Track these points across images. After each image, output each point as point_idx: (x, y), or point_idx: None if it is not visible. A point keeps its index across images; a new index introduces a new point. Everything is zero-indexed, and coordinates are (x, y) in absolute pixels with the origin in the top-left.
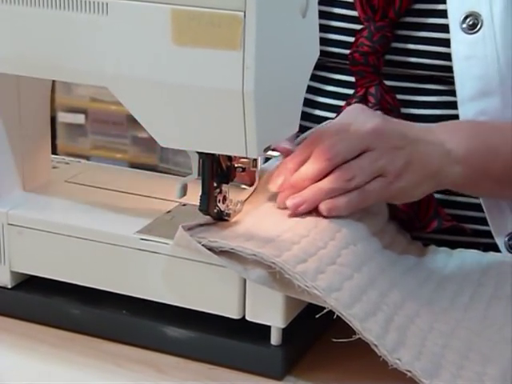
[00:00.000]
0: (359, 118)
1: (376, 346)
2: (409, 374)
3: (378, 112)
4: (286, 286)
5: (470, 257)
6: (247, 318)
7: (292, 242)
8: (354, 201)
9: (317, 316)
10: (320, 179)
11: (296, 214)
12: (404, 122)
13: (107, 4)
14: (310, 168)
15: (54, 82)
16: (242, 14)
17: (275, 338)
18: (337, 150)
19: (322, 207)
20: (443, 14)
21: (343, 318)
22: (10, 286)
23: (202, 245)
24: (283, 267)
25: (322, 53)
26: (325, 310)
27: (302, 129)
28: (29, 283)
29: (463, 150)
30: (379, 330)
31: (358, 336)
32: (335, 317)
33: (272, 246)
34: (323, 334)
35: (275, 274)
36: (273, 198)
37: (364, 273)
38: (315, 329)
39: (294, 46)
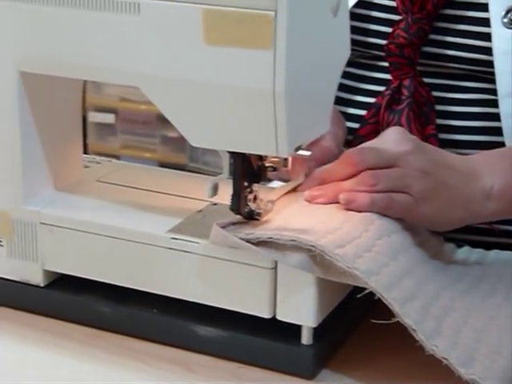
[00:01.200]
0: (396, 139)
1: (415, 330)
2: (445, 361)
3: (415, 137)
4: (326, 269)
5: (504, 258)
6: (278, 317)
7: (327, 232)
8: (377, 203)
9: (358, 296)
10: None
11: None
12: (441, 150)
13: (139, 4)
14: (335, 169)
15: (84, 81)
16: (273, 13)
17: (306, 338)
18: (365, 157)
19: (342, 196)
20: (484, 7)
21: (383, 300)
22: (42, 285)
23: (240, 238)
24: (323, 249)
25: (362, 43)
26: (365, 291)
27: None
28: (60, 282)
29: (499, 186)
30: (417, 317)
31: (396, 319)
32: (376, 298)
33: (308, 234)
34: (354, 331)
35: (315, 257)
36: (302, 197)
37: (400, 261)
38: (346, 327)
39: (325, 45)
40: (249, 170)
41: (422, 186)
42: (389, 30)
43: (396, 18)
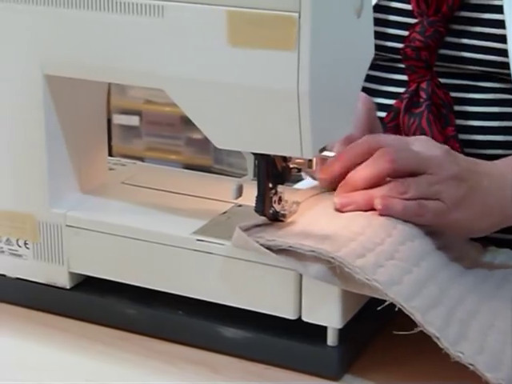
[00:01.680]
0: (426, 146)
1: (438, 338)
2: (471, 367)
3: (446, 146)
4: (346, 280)
5: None
6: (303, 318)
7: (349, 239)
8: (409, 210)
9: (378, 308)
10: (375, 182)
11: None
12: (470, 158)
13: (163, 7)
14: (369, 168)
15: (109, 84)
16: (297, 14)
17: (331, 339)
18: (400, 155)
19: (378, 201)
20: (499, 9)
21: (404, 310)
22: (68, 287)
23: (260, 244)
24: (343, 261)
25: (380, 47)
26: (385, 303)
27: None
28: (86, 284)
29: None
30: (441, 323)
31: (419, 328)
32: (397, 309)
33: (329, 243)
34: (379, 333)
35: (335, 268)
36: (327, 198)
37: (423, 267)
38: (372, 329)
39: (349, 46)
40: (273, 172)
41: (454, 193)
42: (405, 33)
43: (412, 21)
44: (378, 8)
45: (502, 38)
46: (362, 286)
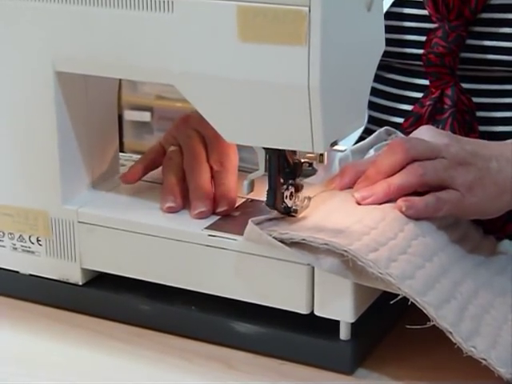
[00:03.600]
0: (431, 135)
1: (451, 333)
2: (484, 362)
3: (448, 132)
4: (359, 274)
5: None
6: (316, 313)
7: (362, 233)
8: (431, 206)
9: (391, 302)
10: (393, 173)
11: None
12: (476, 141)
13: (173, 2)
14: (385, 160)
15: (120, 80)
16: (307, 8)
17: (344, 333)
18: (413, 143)
19: (401, 203)
20: None
21: (417, 304)
22: (81, 283)
23: (273, 237)
24: (356, 255)
25: (396, 54)
26: (398, 297)
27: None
28: (99, 280)
29: None
30: (453, 318)
31: (432, 323)
32: (409, 303)
33: (342, 237)
34: (393, 328)
35: (348, 262)
36: (339, 194)
37: (435, 263)
38: (385, 323)
39: (360, 39)
40: (284, 166)
41: (465, 178)
42: (421, 38)
43: (429, 25)
44: (390, 15)
45: None
46: (374, 280)
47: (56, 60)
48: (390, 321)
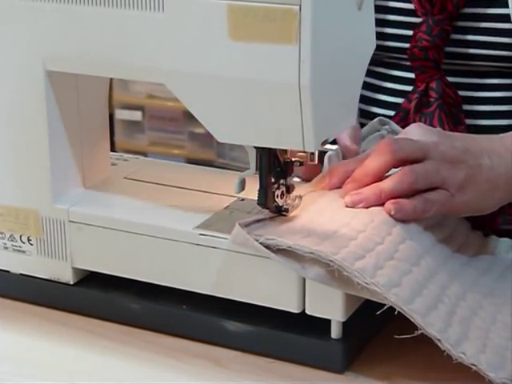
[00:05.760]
0: (421, 132)
1: (439, 340)
2: (474, 367)
3: (438, 128)
4: (344, 283)
5: None
6: (307, 311)
7: (349, 238)
8: (419, 208)
9: (377, 313)
10: (381, 175)
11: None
12: (466, 136)
13: (163, 1)
14: (373, 162)
15: (111, 79)
16: (298, 7)
17: (335, 332)
18: (400, 144)
19: (390, 206)
20: (504, 3)
21: (404, 313)
22: (72, 283)
23: (259, 243)
24: (341, 265)
25: (380, 47)
26: (385, 307)
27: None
28: (90, 279)
29: None
30: (441, 324)
31: (420, 331)
32: (396, 312)
33: (329, 243)
34: (384, 327)
35: (333, 271)
36: (329, 193)
37: (422, 266)
38: (376, 322)
39: (350, 38)
40: (275, 165)
41: (456, 177)
42: (407, 32)
43: (413, 19)
44: (376, 8)
45: (510, 33)
46: (361, 290)
47: (46, 59)
48: (380, 320)
